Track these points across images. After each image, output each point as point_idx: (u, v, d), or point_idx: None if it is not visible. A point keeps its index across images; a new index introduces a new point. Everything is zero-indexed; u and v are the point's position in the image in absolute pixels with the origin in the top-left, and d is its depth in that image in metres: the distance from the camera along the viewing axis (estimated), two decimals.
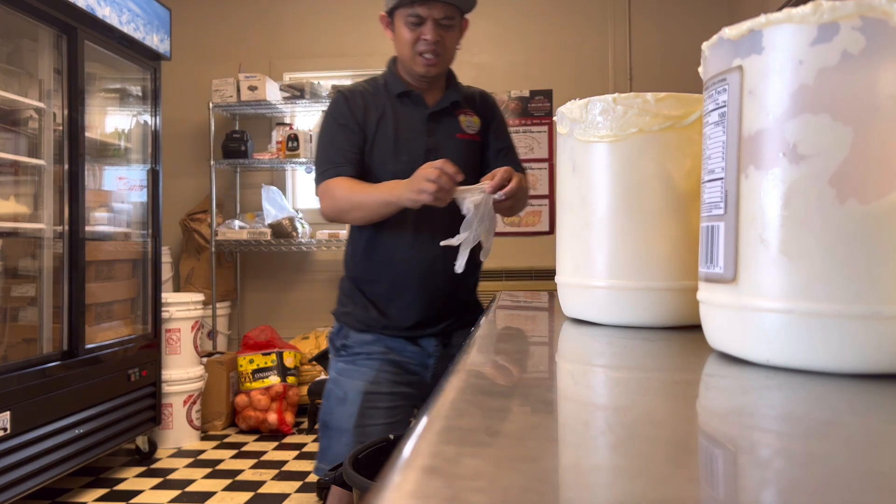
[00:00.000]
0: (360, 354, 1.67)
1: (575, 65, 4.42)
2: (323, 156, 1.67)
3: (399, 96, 1.69)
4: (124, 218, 3.35)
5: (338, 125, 1.67)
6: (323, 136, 1.70)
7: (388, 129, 1.66)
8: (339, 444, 1.62)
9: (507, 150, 1.78)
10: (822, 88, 0.49)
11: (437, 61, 1.63)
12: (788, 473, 0.31)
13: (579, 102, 0.82)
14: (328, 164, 1.64)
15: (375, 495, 0.28)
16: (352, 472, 1.22)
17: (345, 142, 1.66)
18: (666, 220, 0.77)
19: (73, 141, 2.77)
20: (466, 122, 1.74)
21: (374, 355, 1.66)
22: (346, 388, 1.64)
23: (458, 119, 1.72)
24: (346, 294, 1.75)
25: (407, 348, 1.68)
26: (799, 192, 0.50)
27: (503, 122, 1.81)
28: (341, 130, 1.66)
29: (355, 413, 1.61)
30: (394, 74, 1.71)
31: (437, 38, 1.59)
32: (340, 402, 1.64)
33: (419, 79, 1.66)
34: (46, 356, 2.63)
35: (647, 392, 0.48)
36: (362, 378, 1.63)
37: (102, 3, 2.84)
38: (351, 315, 1.70)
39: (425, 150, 1.64)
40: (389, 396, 1.64)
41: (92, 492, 2.84)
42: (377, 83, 1.73)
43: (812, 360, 0.50)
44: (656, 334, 0.74)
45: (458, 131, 1.72)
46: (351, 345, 1.68)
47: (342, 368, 1.68)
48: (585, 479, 0.31)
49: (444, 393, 0.47)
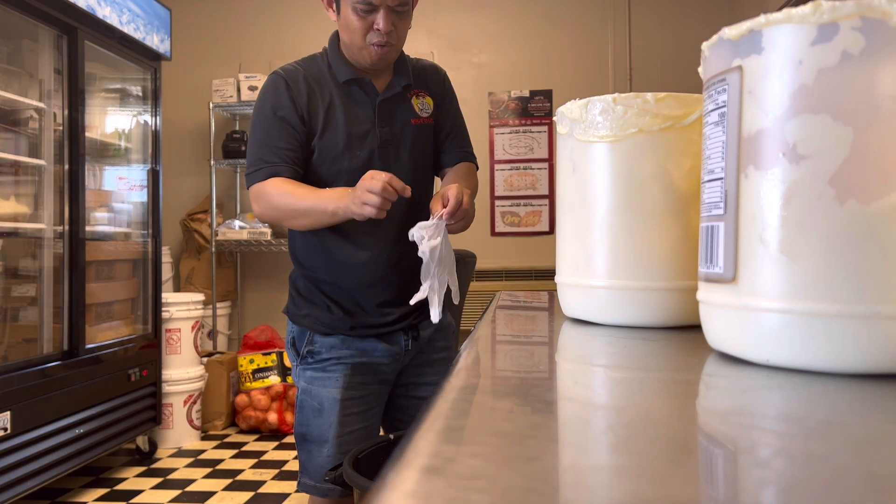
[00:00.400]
0: (328, 360, 1.55)
1: (575, 65, 4.42)
2: (256, 153, 1.48)
3: (346, 83, 1.51)
4: (124, 218, 3.35)
5: (276, 117, 1.48)
6: (257, 127, 1.50)
7: (338, 121, 1.49)
8: (320, 456, 1.54)
9: (455, 131, 1.64)
10: (821, 88, 0.49)
11: (390, 50, 1.47)
12: (788, 473, 0.31)
13: (579, 102, 0.82)
14: (261, 162, 1.47)
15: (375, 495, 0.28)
16: (352, 472, 1.22)
17: (282, 138, 1.48)
18: (666, 219, 0.77)
19: (74, 141, 2.77)
20: (420, 105, 1.58)
21: (343, 359, 1.55)
22: (319, 397, 1.54)
23: (411, 102, 1.57)
24: (301, 294, 1.60)
25: (378, 347, 1.57)
26: (799, 192, 0.50)
27: (453, 99, 1.66)
28: (279, 124, 1.48)
29: (335, 423, 1.52)
30: (339, 57, 1.52)
31: (390, 28, 1.43)
32: (317, 412, 1.54)
33: (370, 67, 1.50)
34: (47, 356, 2.63)
35: (647, 392, 0.48)
36: (335, 385, 1.53)
37: (102, 3, 2.84)
38: (311, 317, 1.57)
39: (380, 143, 1.50)
40: (363, 400, 1.56)
41: (92, 492, 2.85)
42: (319, 66, 1.54)
43: (812, 360, 0.50)
44: (656, 334, 0.74)
45: (412, 116, 1.56)
46: (318, 350, 1.56)
47: (311, 377, 1.56)
48: (585, 478, 0.31)
49: (444, 393, 0.47)
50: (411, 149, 1.55)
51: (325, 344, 1.55)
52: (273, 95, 1.50)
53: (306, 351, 1.57)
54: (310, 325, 1.57)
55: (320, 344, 1.56)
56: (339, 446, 1.53)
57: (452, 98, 1.66)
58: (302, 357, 1.57)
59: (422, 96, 1.59)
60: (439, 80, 1.65)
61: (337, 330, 1.55)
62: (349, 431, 1.54)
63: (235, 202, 4.43)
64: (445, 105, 1.63)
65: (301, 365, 1.58)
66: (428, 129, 1.59)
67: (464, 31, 4.53)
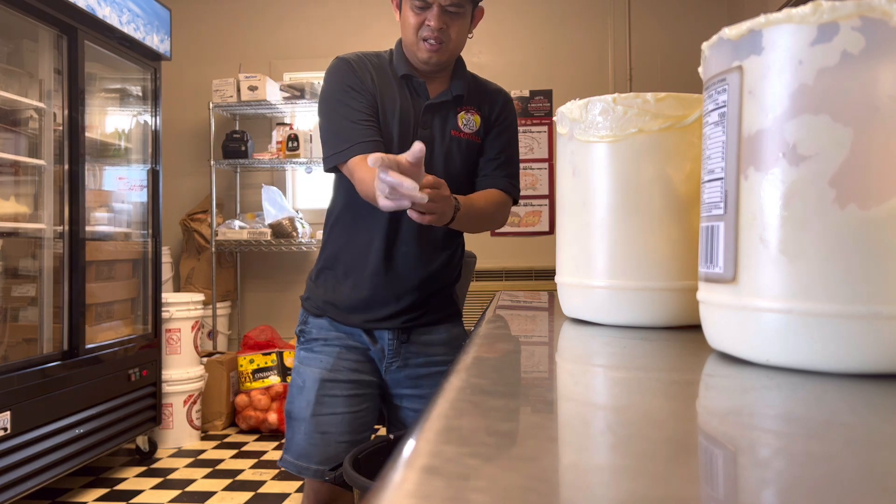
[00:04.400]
0: (317, 340, 1.60)
1: (575, 65, 4.42)
2: (336, 134, 1.50)
3: (403, 77, 1.57)
4: (124, 218, 3.35)
5: (348, 88, 1.52)
6: (331, 106, 1.53)
7: (394, 110, 1.54)
8: (299, 433, 1.57)
9: (505, 160, 1.62)
10: (821, 89, 0.49)
11: (440, 48, 1.51)
12: (788, 473, 0.31)
13: (579, 102, 0.82)
14: (342, 143, 1.48)
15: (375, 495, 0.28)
16: (352, 472, 1.22)
17: (359, 110, 1.50)
18: (666, 219, 0.77)
19: (74, 141, 2.77)
20: (464, 120, 1.60)
21: (331, 341, 1.59)
22: (304, 375, 1.58)
23: (458, 115, 1.60)
24: (311, 279, 1.67)
25: (363, 337, 1.59)
26: (799, 192, 0.50)
27: (511, 127, 1.66)
28: (353, 94, 1.51)
29: (312, 401, 1.55)
30: (400, 55, 1.59)
31: (440, 26, 1.48)
32: (299, 390, 1.58)
33: (421, 65, 1.55)
34: (47, 356, 2.63)
35: (646, 392, 0.48)
36: (319, 365, 1.57)
37: (102, 3, 2.84)
38: (310, 300, 1.63)
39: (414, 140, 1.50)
40: (349, 385, 1.57)
41: (92, 492, 2.85)
42: (382, 58, 1.60)
43: (812, 360, 0.50)
44: (656, 334, 0.74)
45: (454, 128, 1.59)
46: (308, 330, 1.62)
47: (302, 356, 1.61)
48: (585, 478, 0.31)
49: (444, 393, 0.47)
50: (445, 159, 1.56)
51: (316, 324, 1.60)
52: (341, 73, 1.54)
53: (299, 330, 1.64)
54: (307, 308, 1.63)
55: (312, 324, 1.61)
56: (316, 426, 1.54)
57: (510, 126, 1.65)
58: (299, 336, 1.64)
59: (471, 112, 1.61)
60: (500, 103, 1.65)
61: (327, 312, 1.59)
62: (329, 413, 1.55)
63: (235, 202, 4.43)
64: (499, 129, 1.63)
65: (298, 346, 1.64)
66: (471, 145, 1.59)
67: None
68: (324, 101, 1.56)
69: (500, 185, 1.61)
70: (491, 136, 1.62)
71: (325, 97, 1.56)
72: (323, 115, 1.56)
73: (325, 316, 1.60)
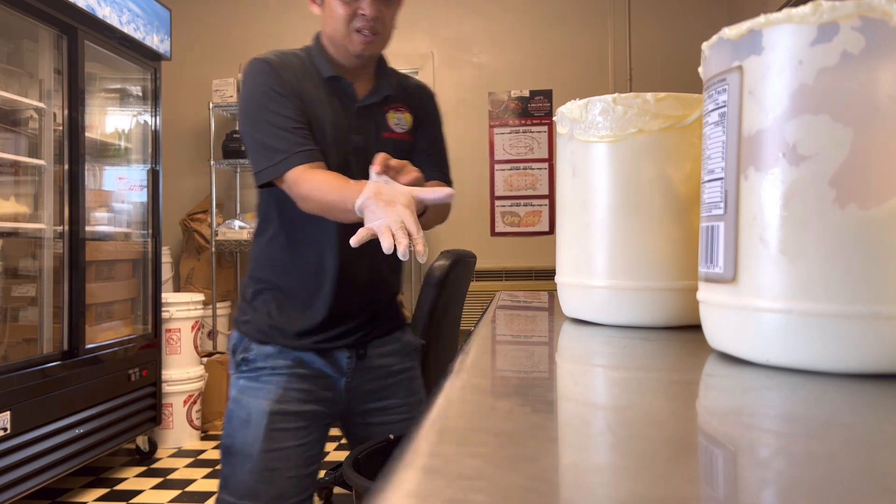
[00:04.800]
0: (263, 369, 1.44)
1: (575, 65, 4.42)
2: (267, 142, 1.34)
3: (329, 80, 1.43)
4: (124, 218, 3.35)
5: (277, 94, 1.36)
6: (260, 110, 1.36)
7: (324, 116, 1.40)
8: (242, 471, 1.41)
9: (435, 154, 1.57)
10: (821, 89, 0.49)
11: (375, 39, 1.40)
12: (788, 473, 0.31)
13: (579, 102, 0.82)
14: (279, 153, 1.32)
15: (375, 495, 0.28)
16: (352, 472, 1.22)
17: (292, 116, 1.35)
18: (666, 219, 0.77)
19: (74, 141, 2.77)
20: (395, 119, 1.50)
21: (279, 370, 1.44)
22: (248, 408, 1.42)
23: (387, 115, 1.49)
24: (247, 299, 1.51)
25: (316, 361, 1.46)
26: (799, 192, 0.50)
27: (437, 122, 1.59)
28: (284, 100, 1.36)
29: (261, 436, 1.40)
30: (322, 54, 1.45)
31: (375, 14, 1.38)
32: (244, 424, 1.42)
33: (354, 59, 1.42)
34: (47, 356, 2.63)
35: (646, 392, 0.48)
36: (266, 396, 1.42)
37: (102, 3, 2.84)
38: (250, 324, 1.47)
39: (353, 149, 1.42)
40: (298, 416, 1.44)
41: (92, 492, 2.85)
42: (301, 58, 1.45)
43: (812, 360, 0.50)
44: (656, 334, 0.74)
45: (385, 129, 1.48)
46: (253, 358, 1.44)
47: (244, 386, 1.45)
48: (585, 478, 0.31)
49: (444, 393, 0.47)
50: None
51: (261, 353, 1.45)
52: (264, 76, 1.38)
53: (241, 358, 1.47)
54: (247, 332, 1.47)
55: (255, 352, 1.45)
56: (266, 462, 1.40)
57: (436, 120, 1.59)
58: (237, 365, 1.47)
59: (401, 111, 1.52)
60: (424, 99, 1.58)
61: (274, 339, 1.45)
62: (278, 448, 1.41)
63: (235, 202, 4.43)
64: (428, 125, 1.56)
65: (235, 373, 1.48)
66: (403, 145, 1.50)
67: (464, 31, 4.53)
68: (247, 109, 1.39)
69: (435, 177, 1.53)
70: (420, 132, 1.54)
71: (248, 104, 1.39)
72: (248, 124, 1.39)
73: (272, 343, 1.45)
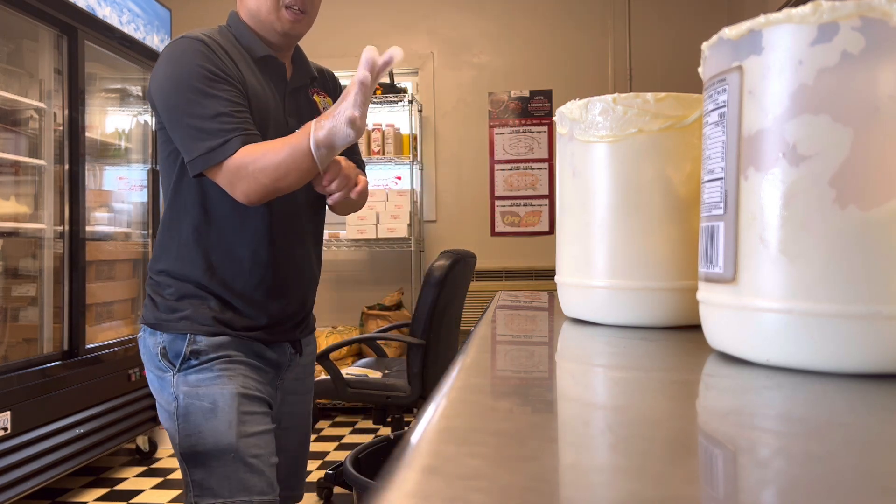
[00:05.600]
0: (218, 358, 1.32)
1: (575, 65, 4.42)
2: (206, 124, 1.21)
3: (261, 60, 1.36)
4: (124, 218, 3.35)
5: (211, 74, 1.24)
6: (192, 92, 1.23)
7: (259, 97, 1.33)
8: (222, 466, 1.26)
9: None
10: (821, 89, 0.49)
11: (303, 18, 1.35)
12: (788, 473, 0.31)
13: (579, 102, 0.82)
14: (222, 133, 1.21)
15: (375, 495, 0.28)
16: (352, 472, 1.22)
17: (230, 97, 1.24)
18: (666, 219, 0.77)
19: (74, 141, 2.77)
20: (322, 105, 1.45)
21: (234, 357, 1.33)
22: (211, 396, 1.29)
23: (314, 99, 1.44)
24: (173, 298, 1.35)
25: (266, 352, 1.40)
26: (799, 192, 0.50)
27: None
28: (219, 82, 1.24)
29: (234, 420, 1.27)
30: (247, 32, 1.36)
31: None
32: (209, 413, 1.28)
33: (280, 38, 1.35)
34: (47, 356, 2.63)
35: (646, 392, 0.48)
36: (230, 382, 1.30)
37: (103, 4, 2.84)
38: (192, 319, 1.33)
39: (289, 133, 1.31)
40: (262, 402, 1.35)
41: (92, 492, 2.85)
42: (227, 37, 1.35)
43: (812, 360, 0.50)
44: (656, 334, 0.74)
45: (316, 112, 1.41)
46: (204, 349, 1.32)
47: (198, 379, 1.31)
48: (585, 478, 0.31)
49: (444, 393, 0.47)
50: None
51: (213, 343, 1.33)
52: (198, 56, 1.25)
53: (189, 351, 1.32)
54: (189, 328, 1.33)
55: (206, 343, 1.33)
56: (247, 448, 1.28)
57: None
58: (183, 360, 1.32)
59: (322, 95, 1.48)
60: (334, 83, 1.57)
61: (225, 331, 1.34)
62: (255, 433, 1.30)
63: None
64: None
65: (181, 372, 1.32)
66: None
67: (464, 31, 4.53)
68: (179, 92, 1.24)
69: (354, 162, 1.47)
70: None
71: (179, 86, 1.24)
72: (181, 108, 1.24)
73: (224, 334, 1.34)
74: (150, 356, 1.36)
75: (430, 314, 2.54)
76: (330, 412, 4.26)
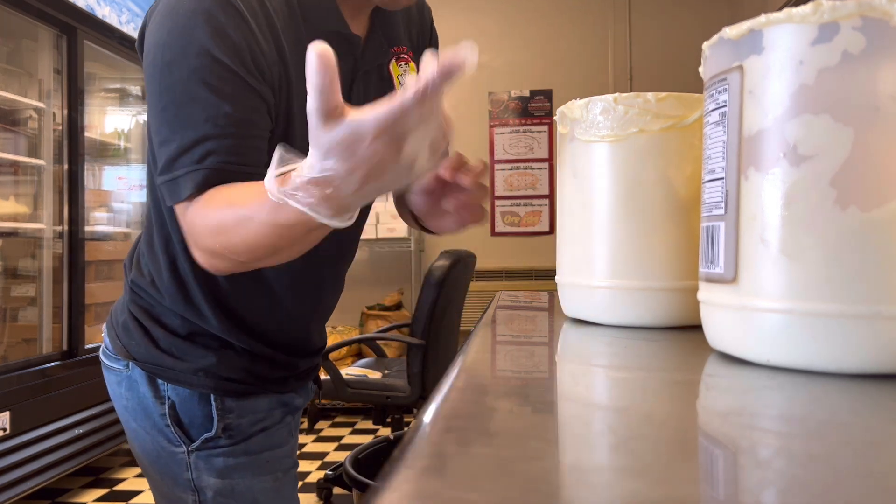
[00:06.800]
0: (254, 435, 0.99)
1: (575, 65, 4.42)
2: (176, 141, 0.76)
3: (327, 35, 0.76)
4: (124, 218, 3.35)
5: (222, 66, 0.76)
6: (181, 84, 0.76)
7: (303, 99, 0.67)
8: None
9: None
10: (822, 89, 0.49)
11: None
12: (788, 473, 0.31)
13: (580, 102, 0.82)
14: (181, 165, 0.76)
15: (375, 495, 0.28)
16: (352, 472, 1.22)
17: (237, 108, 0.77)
18: (666, 219, 0.77)
19: (73, 141, 2.77)
20: (401, 75, 0.98)
21: (270, 427, 1.01)
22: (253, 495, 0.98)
23: (390, 69, 0.98)
24: (185, 330, 0.96)
25: (295, 400, 1.08)
26: (799, 192, 0.50)
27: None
28: (229, 81, 0.76)
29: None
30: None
31: None
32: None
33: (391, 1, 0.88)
34: (46, 356, 2.63)
35: (647, 392, 0.48)
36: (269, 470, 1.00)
37: (102, 3, 2.84)
38: (217, 376, 0.95)
39: None
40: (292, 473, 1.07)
41: (92, 492, 2.84)
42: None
43: (812, 360, 0.50)
44: (656, 334, 0.74)
45: (390, 88, 0.96)
46: (237, 423, 0.97)
47: (231, 467, 0.97)
48: (586, 478, 0.31)
49: (444, 393, 0.47)
50: None
51: (246, 409, 0.98)
52: (212, 25, 0.77)
53: (222, 427, 0.96)
54: (209, 385, 0.95)
55: (238, 412, 0.97)
56: None
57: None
58: (213, 437, 0.96)
59: (403, 59, 0.99)
60: (426, 26, 1.06)
61: (262, 387, 1.01)
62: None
63: None
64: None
65: (202, 450, 0.96)
66: None
67: (464, 31, 4.53)
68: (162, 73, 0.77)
69: None
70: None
71: (168, 65, 0.77)
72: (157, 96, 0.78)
73: (257, 394, 1.00)
74: (145, 412, 0.97)
75: (429, 314, 2.54)
76: (330, 412, 4.26)
